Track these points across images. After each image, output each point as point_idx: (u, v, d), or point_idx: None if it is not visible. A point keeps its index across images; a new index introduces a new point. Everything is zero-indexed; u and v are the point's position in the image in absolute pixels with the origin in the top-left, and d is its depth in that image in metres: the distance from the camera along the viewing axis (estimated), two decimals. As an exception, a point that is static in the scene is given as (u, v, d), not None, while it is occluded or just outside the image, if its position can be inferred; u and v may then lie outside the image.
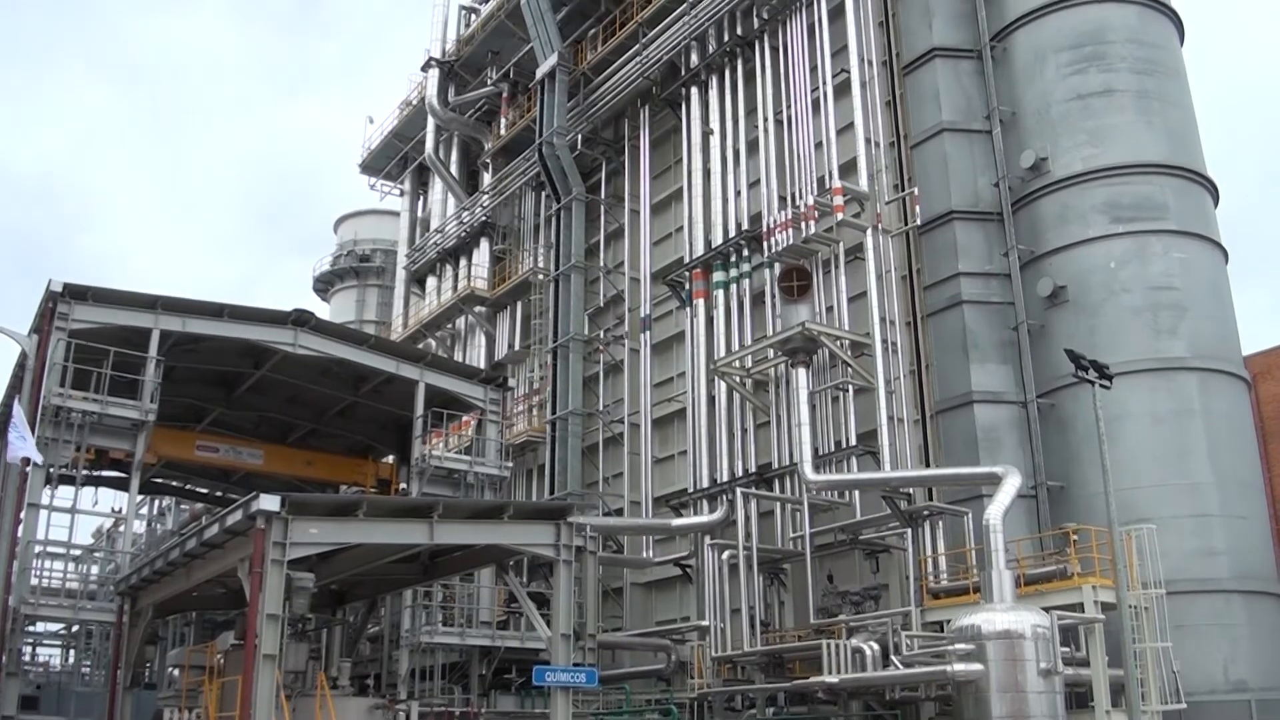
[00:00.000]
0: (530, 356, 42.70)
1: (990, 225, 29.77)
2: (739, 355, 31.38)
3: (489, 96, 48.67)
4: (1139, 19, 30.09)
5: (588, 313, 39.94)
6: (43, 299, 26.66)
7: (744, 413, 31.80)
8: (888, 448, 27.57)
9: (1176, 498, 25.68)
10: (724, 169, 34.55)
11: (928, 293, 29.84)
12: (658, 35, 37.97)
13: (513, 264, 45.03)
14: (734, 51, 35.25)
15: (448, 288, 48.64)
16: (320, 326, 30.55)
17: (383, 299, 62.31)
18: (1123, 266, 27.65)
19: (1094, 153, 28.70)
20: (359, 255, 64.53)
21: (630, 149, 40.30)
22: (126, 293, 27.66)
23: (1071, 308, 27.97)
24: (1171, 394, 26.64)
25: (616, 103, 40.02)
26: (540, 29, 42.09)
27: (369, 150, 57.23)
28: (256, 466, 33.49)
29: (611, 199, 40.99)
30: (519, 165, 44.81)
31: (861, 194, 29.67)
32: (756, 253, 32.48)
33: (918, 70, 31.58)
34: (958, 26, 31.62)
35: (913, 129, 31.26)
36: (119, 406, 26.44)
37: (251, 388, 32.82)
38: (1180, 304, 27.35)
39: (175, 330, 27.92)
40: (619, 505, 36.39)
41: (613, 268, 40.12)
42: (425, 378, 31.76)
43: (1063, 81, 29.59)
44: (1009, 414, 28.22)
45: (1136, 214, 28.05)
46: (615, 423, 37.75)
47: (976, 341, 28.73)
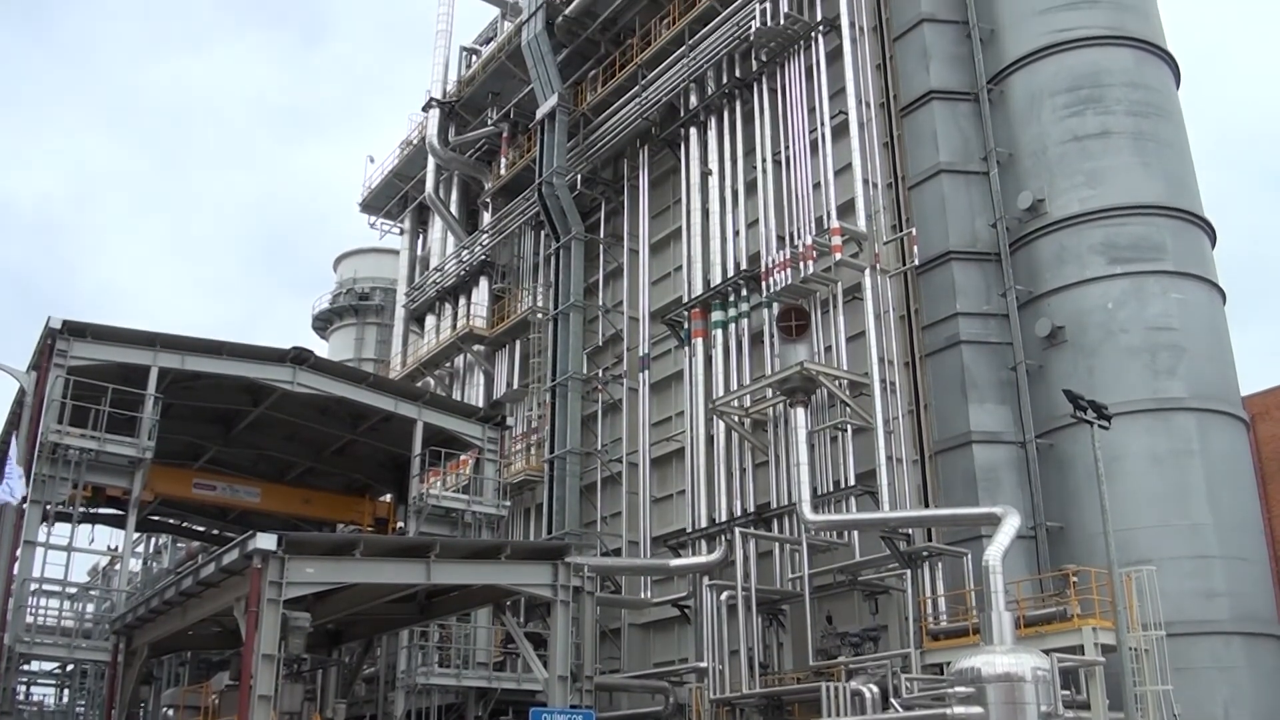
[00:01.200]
0: (529, 395, 42.67)
1: (988, 265, 29.86)
2: (737, 395, 31.37)
3: (489, 136, 48.94)
4: (1135, 62, 30.32)
5: (586, 352, 39.96)
6: (42, 335, 26.71)
7: (743, 452, 31.75)
8: (886, 488, 27.50)
9: (1176, 539, 25.58)
10: (723, 209, 34.68)
11: (926, 333, 29.87)
12: (657, 77, 38.23)
13: (512, 303, 45.11)
14: (732, 93, 35.48)
15: (447, 326, 48.69)
16: (319, 364, 30.59)
17: (381, 337, 62.34)
18: (1120, 307, 27.71)
19: (1091, 194, 28.82)
20: (358, 293, 64.62)
21: (629, 189, 40.48)
22: (125, 330, 27.71)
23: (1070, 348, 28.00)
24: (1170, 434, 26.61)
25: (616, 143, 40.24)
26: (541, 70, 42.41)
27: (369, 189, 57.47)
28: (254, 505, 33.43)
29: (611, 238, 41.13)
30: (519, 205, 45.00)
31: (860, 234, 29.78)
32: (755, 292, 32.55)
33: (915, 112, 31.79)
34: (955, 69, 31.85)
35: (910, 170, 31.42)
36: (116, 444, 26.43)
37: (250, 425, 32.80)
38: (1178, 344, 27.38)
39: (174, 367, 27.95)
40: (617, 545, 36.24)
41: (611, 307, 40.19)
42: (423, 416, 31.76)
43: (1059, 123, 29.77)
44: (1008, 454, 28.18)
45: (1134, 255, 28.14)
46: (613, 462, 37.68)
47: (975, 381, 28.74)
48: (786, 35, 33.30)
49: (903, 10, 32.94)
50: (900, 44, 32.75)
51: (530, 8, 43.45)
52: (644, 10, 40.68)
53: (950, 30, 32.29)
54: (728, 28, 35.28)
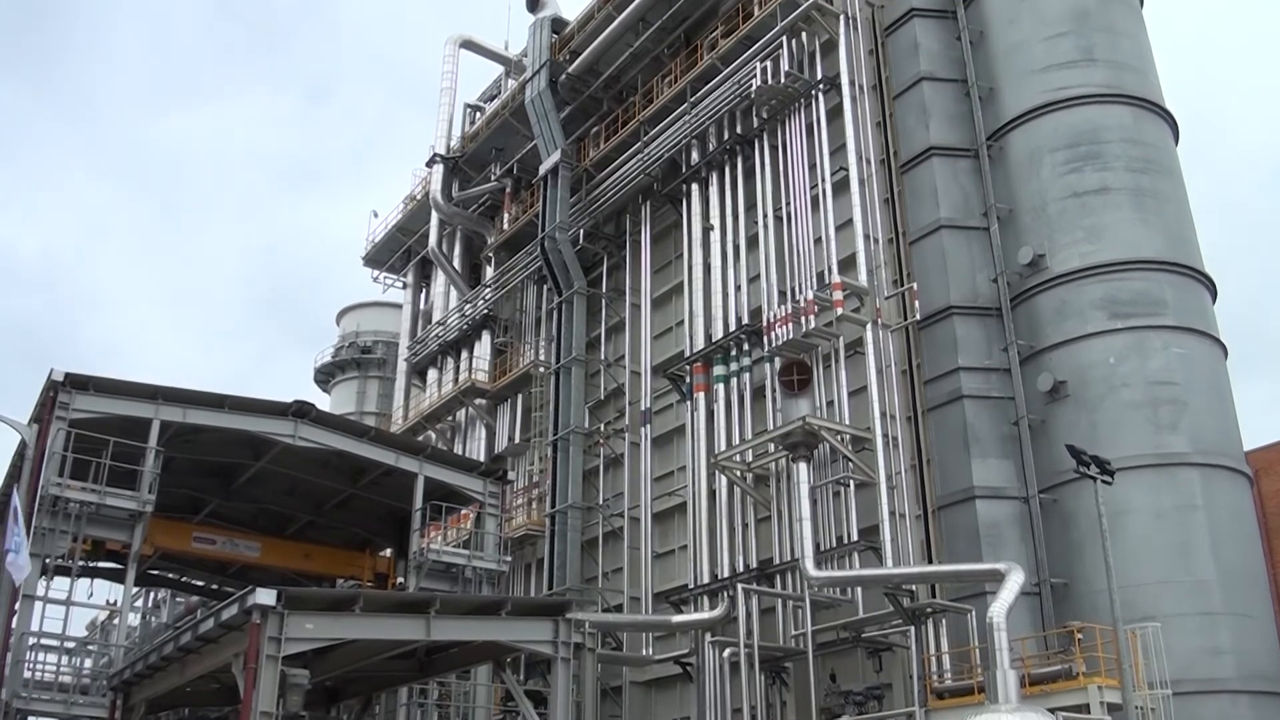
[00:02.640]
0: (530, 449, 42.63)
1: (989, 320, 29.94)
2: (739, 449, 31.32)
3: (492, 192, 49.30)
4: (1134, 120, 30.58)
5: (588, 406, 39.96)
6: (44, 388, 26.71)
7: (745, 507, 31.65)
8: (889, 543, 27.37)
9: (1181, 595, 25.42)
10: (724, 264, 34.84)
11: (928, 387, 29.89)
12: (659, 133, 38.58)
13: (514, 357, 45.19)
14: (734, 149, 35.77)
15: (449, 380, 48.75)
16: (320, 418, 30.55)
17: (383, 391, 62.34)
18: (1122, 362, 27.74)
19: (1091, 249, 28.97)
20: (360, 347, 64.73)
21: (631, 244, 40.68)
22: (127, 383, 27.70)
23: (1072, 403, 27.99)
24: (1173, 489, 26.52)
25: (618, 198, 40.51)
26: (544, 127, 42.80)
27: (372, 243, 57.75)
28: (253, 559, 33.24)
29: (613, 293, 41.28)
30: (521, 259, 45.22)
31: (861, 289, 29.89)
32: (757, 347, 32.60)
33: (915, 168, 32.04)
34: (954, 127, 32.14)
35: (911, 225, 31.60)
36: (117, 497, 26.34)
37: (250, 479, 32.71)
38: (1180, 399, 27.37)
39: (175, 421, 27.91)
40: (618, 601, 36.01)
41: (613, 361, 40.24)
42: (425, 470, 31.66)
43: (1059, 180, 29.98)
44: (1011, 509, 28.08)
45: (1135, 310, 28.22)
46: (615, 517, 37.54)
47: (977, 436, 28.71)
48: (787, 93, 33.63)
49: (902, 69, 33.30)
50: (900, 102, 33.08)
51: (534, 65, 43.95)
52: (646, 68, 41.13)
53: (949, 88, 32.63)
54: (729, 86, 35.66)
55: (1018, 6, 32.34)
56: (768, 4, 34.93)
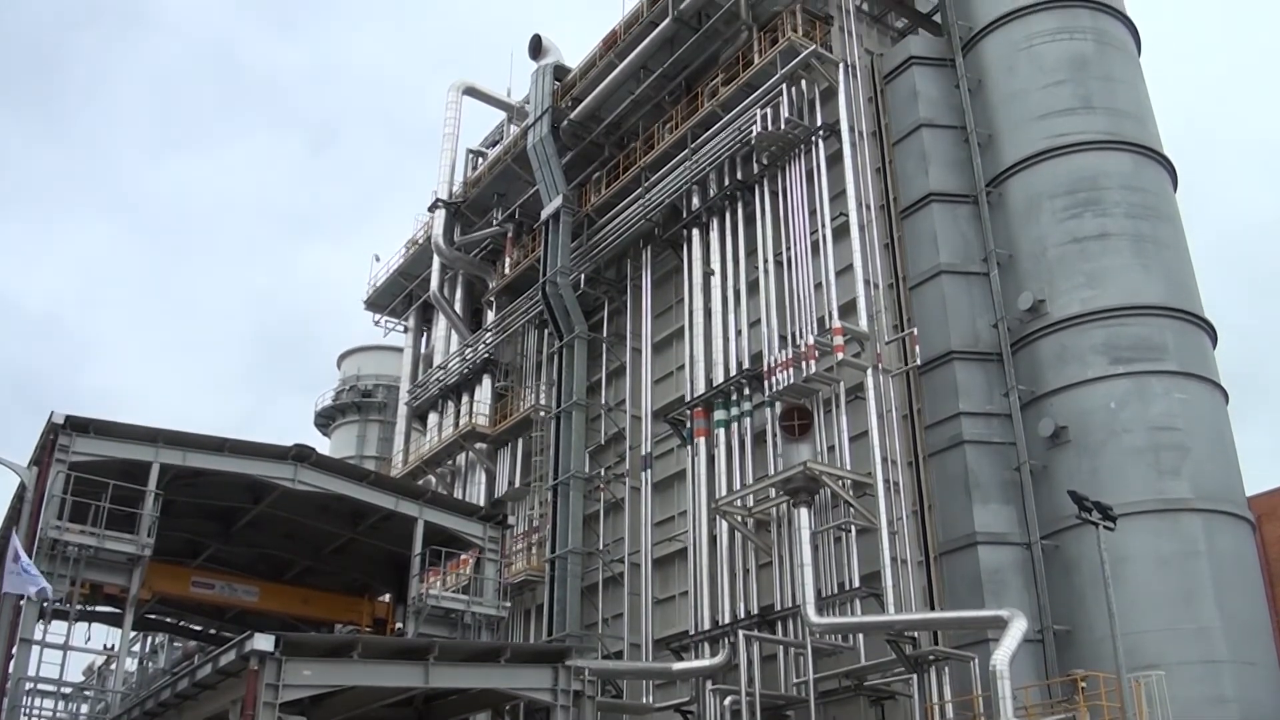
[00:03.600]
0: (530, 494, 42.50)
1: (990, 365, 29.97)
2: (740, 494, 31.23)
3: (494, 236, 49.49)
4: (1133, 166, 30.78)
5: (588, 450, 39.86)
6: (44, 431, 26.70)
7: (746, 553, 31.50)
8: (891, 589, 27.23)
9: (1184, 643, 25.26)
10: (725, 309, 34.90)
11: (929, 432, 29.86)
12: (660, 179, 38.78)
13: (514, 401, 45.17)
14: (734, 195, 35.94)
15: (449, 424, 48.68)
16: (320, 462, 30.51)
17: (384, 435, 62.26)
18: (1123, 407, 27.73)
19: (1091, 294, 29.05)
20: (361, 390, 64.74)
21: (632, 288, 40.77)
22: (128, 426, 27.69)
23: (1073, 448, 27.95)
24: (1176, 535, 26.43)
25: (619, 243, 40.66)
26: (546, 172, 43.05)
27: (374, 287, 57.88)
28: (252, 604, 33.07)
29: (613, 337, 41.33)
30: (522, 304, 45.32)
31: (861, 334, 29.93)
32: (757, 391, 32.58)
33: (915, 214, 32.21)
34: (953, 173, 32.34)
35: (911, 271, 31.71)
36: (116, 540, 26.23)
37: (249, 523, 32.62)
38: (1182, 444, 27.34)
39: (175, 464, 27.88)
40: (619, 648, 35.73)
41: (614, 405, 40.21)
42: (424, 515, 31.58)
43: (1058, 225, 30.12)
44: (1013, 555, 27.97)
45: (1135, 355, 28.25)
46: (615, 562, 37.35)
47: (979, 482, 28.65)
48: (787, 140, 33.85)
49: (901, 116, 33.55)
50: (899, 148, 33.31)
51: (536, 111, 44.27)
52: (647, 115, 41.42)
53: (948, 135, 32.87)
54: (729, 132, 35.88)
55: (1016, 55, 32.64)
56: (767, 52, 35.20)
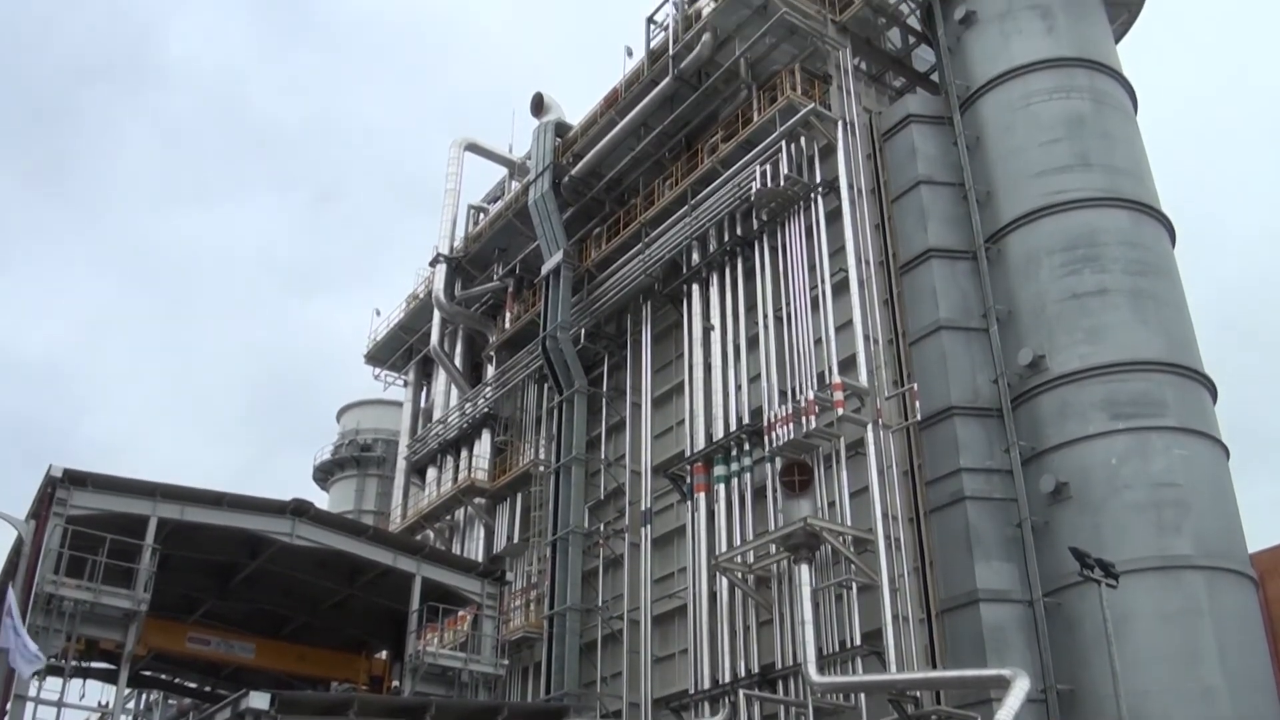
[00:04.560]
0: (529, 549, 42.27)
1: (990, 421, 29.93)
2: (740, 551, 31.05)
3: (494, 291, 49.65)
4: (1131, 223, 30.95)
5: (588, 506, 39.70)
6: (42, 484, 26.59)
7: (746, 610, 31.25)
8: (893, 648, 26.96)
9: (1188, 703, 24.99)
10: (725, 364, 34.92)
11: (930, 488, 29.76)
12: (660, 235, 38.96)
13: (513, 455, 45.06)
14: (734, 250, 36.10)
15: (448, 479, 48.52)
16: (318, 516, 30.37)
17: (382, 489, 62.07)
18: (1124, 463, 27.65)
19: (1091, 350, 29.08)
20: (360, 445, 64.63)
21: (632, 343, 40.82)
22: (126, 480, 27.59)
23: (1074, 504, 27.83)
24: (1178, 593, 26.24)
25: (619, 298, 40.78)
26: (546, 228, 43.26)
27: (374, 341, 57.99)
28: (248, 661, 32.77)
29: (613, 392, 41.31)
30: (522, 358, 45.35)
31: (861, 389, 29.92)
32: (757, 447, 32.51)
33: (915, 270, 32.33)
34: (952, 229, 32.50)
35: (911, 326, 31.77)
36: (112, 595, 26.02)
37: (247, 578, 32.40)
38: (1184, 501, 27.23)
39: (173, 518, 27.73)
40: (618, 707, 35.33)
41: (614, 461, 40.09)
42: (422, 570, 31.37)
43: (1057, 281, 30.22)
44: (1015, 613, 27.73)
45: (1136, 410, 28.22)
46: (614, 619, 37.04)
47: (980, 538, 28.49)
48: (786, 196, 34.06)
49: (900, 173, 33.80)
50: (898, 205, 33.51)
51: (538, 168, 44.58)
52: (647, 171, 41.72)
53: (947, 191, 33.09)
54: (729, 188, 36.12)
55: (1013, 113, 32.94)
56: (767, 110, 35.53)
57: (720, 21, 37.55)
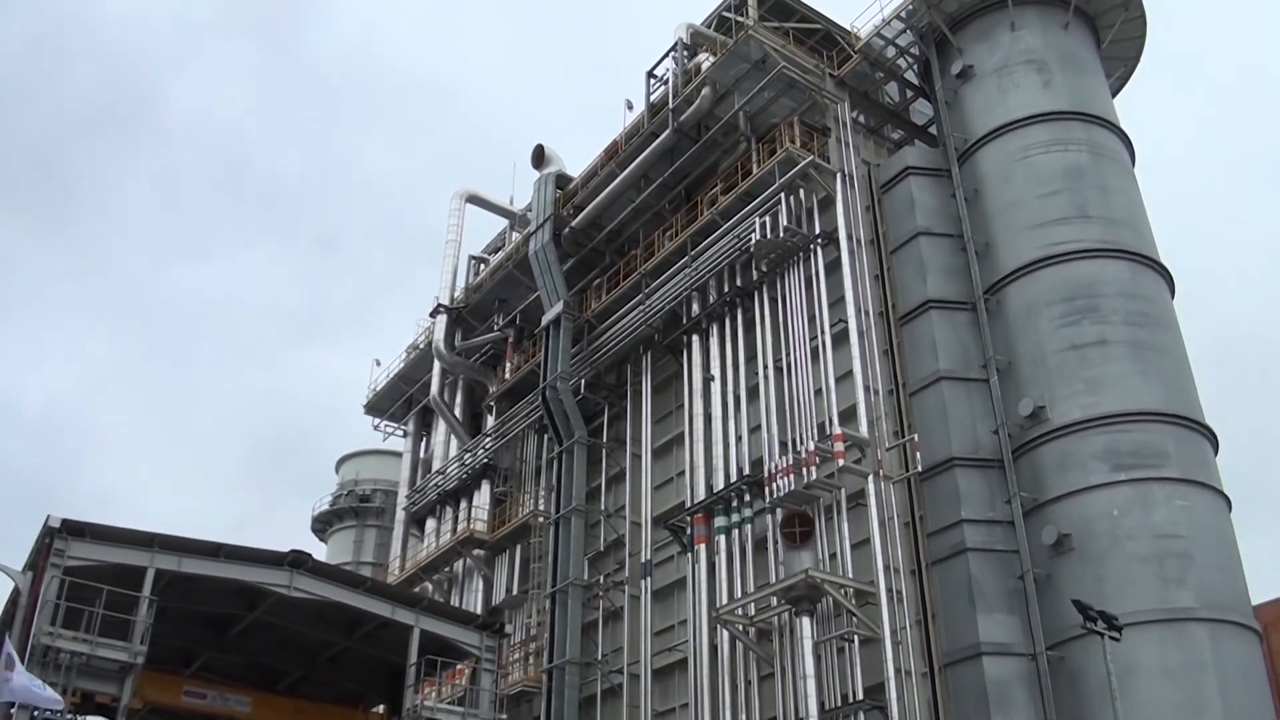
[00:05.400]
0: (528, 601, 41.98)
1: (991, 472, 29.86)
2: (741, 603, 30.85)
3: (495, 341, 49.69)
4: (1130, 274, 31.07)
5: (587, 557, 39.48)
6: (40, 535, 26.47)
7: (747, 663, 30.99)
8: (896, 702, 26.70)
9: (1195, 757, 24.74)
10: (725, 414, 34.90)
11: (931, 540, 29.62)
12: (660, 286, 39.08)
13: (513, 506, 44.89)
14: (734, 301, 36.20)
15: (447, 530, 48.30)
16: (316, 568, 30.20)
17: (381, 540, 61.72)
18: (1126, 514, 27.55)
19: (1091, 401, 29.07)
20: (359, 495, 64.34)
21: (633, 394, 40.80)
22: (124, 530, 27.46)
23: (1077, 556, 27.69)
24: (1182, 646, 26.04)
25: (619, 349, 40.81)
26: (547, 278, 43.39)
27: (374, 391, 57.94)
28: (244, 715, 32.36)
29: (613, 442, 41.23)
30: (522, 408, 45.31)
31: (862, 440, 29.88)
32: (758, 498, 32.40)
33: (914, 320, 32.41)
34: (951, 280, 32.62)
35: (911, 377, 31.78)
36: (108, 648, 25.81)
37: (244, 630, 32.14)
38: (1186, 552, 27.10)
39: (170, 569, 27.59)
40: (617, 760, 34.99)
41: (613, 511, 39.94)
42: (420, 623, 31.13)
43: (1057, 332, 30.28)
44: (1018, 667, 27.51)
45: (1137, 461, 28.17)
46: (614, 673, 36.70)
47: (982, 591, 28.32)
48: (786, 247, 34.21)
49: (899, 224, 33.98)
50: (897, 256, 33.65)
51: (538, 219, 44.79)
52: (647, 223, 41.93)
53: (945, 243, 33.25)
54: (729, 240, 36.28)
55: (1011, 165, 33.17)
56: (766, 162, 35.78)
57: (719, 76, 37.91)
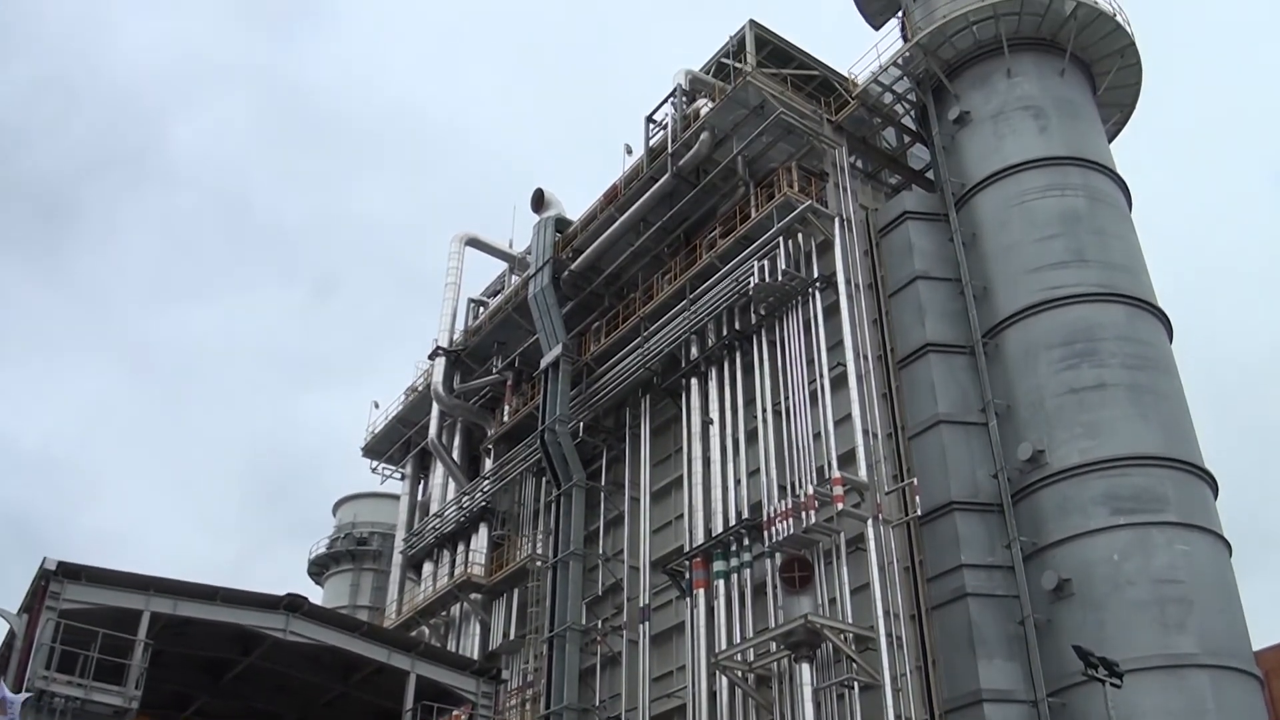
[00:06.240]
0: (525, 646, 41.69)
1: (991, 516, 29.78)
2: (740, 648, 30.62)
3: (493, 384, 49.68)
4: (1128, 318, 31.14)
5: (585, 602, 39.25)
6: (36, 577, 26.32)
7: (746, 710, 30.71)
8: (897, 750, 26.49)
9: (1198, 806, 24.51)
10: (724, 458, 34.83)
11: (931, 585, 29.49)
12: (659, 329, 39.14)
13: (511, 550, 44.69)
14: (732, 345, 36.24)
15: (444, 573, 48.05)
16: (313, 612, 30.01)
17: (378, 583, 61.40)
18: (1126, 559, 27.46)
19: (1091, 445, 29.05)
20: (356, 538, 64.08)
21: (631, 437, 40.75)
22: (120, 573, 27.31)
23: (1077, 601, 27.56)
24: (1183, 693, 25.87)
25: (618, 392, 40.80)
26: (546, 321, 43.47)
27: (373, 434, 57.87)
28: (238, 760, 32.14)
29: (611, 486, 41.12)
30: (520, 451, 45.23)
31: (861, 484, 29.81)
32: (757, 542, 32.25)
33: (912, 364, 32.44)
34: (949, 324, 32.69)
35: (910, 420, 31.77)
36: (103, 692, 25.59)
37: (239, 675, 31.89)
38: (1187, 598, 26.98)
39: (166, 613, 27.42)
40: (615, 808, 34.63)
41: (612, 555, 39.75)
42: (416, 668, 30.88)
43: (1055, 376, 30.31)
44: (1020, 714, 27.28)
45: (1137, 505, 28.11)
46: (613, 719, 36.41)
47: (983, 637, 28.15)
48: (784, 291, 34.30)
49: (897, 268, 34.09)
50: (895, 299, 33.74)
51: (538, 262, 44.95)
52: (646, 266, 42.06)
53: (944, 287, 33.35)
54: (727, 283, 36.38)
55: (1008, 210, 33.35)
56: (764, 207, 35.95)
57: (718, 121, 38.19)
